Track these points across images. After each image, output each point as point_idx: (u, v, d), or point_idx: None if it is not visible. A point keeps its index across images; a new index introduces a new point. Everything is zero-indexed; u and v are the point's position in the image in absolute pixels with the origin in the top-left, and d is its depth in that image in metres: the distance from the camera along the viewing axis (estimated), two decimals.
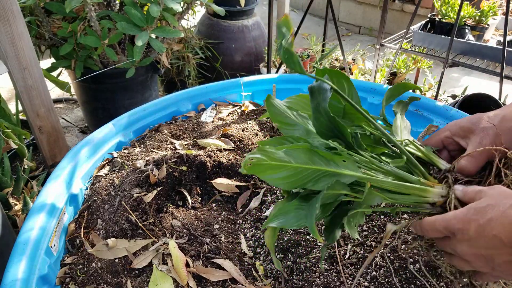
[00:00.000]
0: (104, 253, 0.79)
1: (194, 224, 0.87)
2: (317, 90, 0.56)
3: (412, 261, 0.75)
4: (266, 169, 0.49)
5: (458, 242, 0.46)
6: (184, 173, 0.97)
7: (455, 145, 0.60)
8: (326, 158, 0.52)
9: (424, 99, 1.21)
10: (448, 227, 0.47)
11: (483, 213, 0.44)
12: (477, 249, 0.45)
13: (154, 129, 1.18)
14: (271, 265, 0.80)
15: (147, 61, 1.82)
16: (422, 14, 3.16)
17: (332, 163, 0.52)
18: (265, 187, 0.98)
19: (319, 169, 0.52)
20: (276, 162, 0.49)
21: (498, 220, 0.42)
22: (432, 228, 0.49)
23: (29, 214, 0.78)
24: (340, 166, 0.52)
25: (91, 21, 1.59)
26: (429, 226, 0.50)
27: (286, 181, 0.51)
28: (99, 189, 0.95)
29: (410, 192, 0.54)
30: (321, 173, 0.52)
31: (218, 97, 1.33)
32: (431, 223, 0.50)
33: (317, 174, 0.52)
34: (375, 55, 2.03)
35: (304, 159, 0.51)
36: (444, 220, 0.47)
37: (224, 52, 2.42)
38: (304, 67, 2.53)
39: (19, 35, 1.15)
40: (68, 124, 2.23)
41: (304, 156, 0.51)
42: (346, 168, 0.53)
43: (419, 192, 0.54)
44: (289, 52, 0.53)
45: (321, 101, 0.54)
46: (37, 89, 1.26)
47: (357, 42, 3.61)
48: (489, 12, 1.94)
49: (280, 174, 0.50)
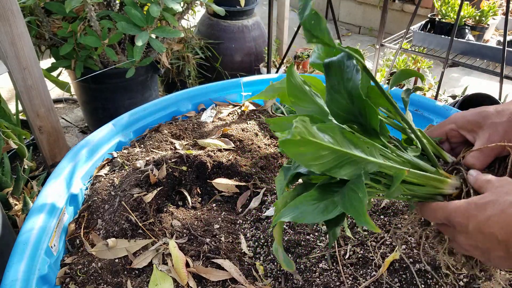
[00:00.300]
0: (104, 253, 0.79)
1: (194, 224, 0.87)
2: (338, 66, 0.49)
3: (412, 261, 0.75)
4: (300, 145, 0.42)
5: (457, 232, 0.47)
6: (184, 173, 0.97)
7: (459, 138, 0.59)
8: (353, 142, 0.47)
9: (424, 99, 1.21)
10: (448, 218, 0.48)
11: (483, 210, 0.44)
12: (475, 242, 0.46)
13: (154, 129, 1.18)
14: (271, 265, 0.80)
15: (147, 61, 1.82)
16: (422, 14, 3.16)
17: (358, 148, 0.47)
18: (265, 187, 0.98)
19: (347, 152, 0.46)
20: (313, 139, 0.42)
21: (496, 218, 0.43)
22: (433, 215, 0.50)
23: (29, 214, 0.78)
24: (366, 153, 0.47)
25: (91, 21, 1.59)
26: (430, 212, 0.51)
27: (317, 162, 0.44)
28: (99, 189, 0.95)
29: (427, 183, 0.52)
30: (346, 158, 0.46)
31: (218, 97, 1.33)
32: (433, 210, 0.50)
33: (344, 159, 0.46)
34: (375, 55, 2.03)
35: (335, 139, 0.45)
36: (445, 211, 0.48)
37: (224, 52, 2.42)
38: (304, 68, 2.53)
39: (19, 35, 1.15)
40: (68, 124, 2.23)
41: (335, 136, 0.45)
42: (371, 155, 0.48)
43: (437, 183, 0.52)
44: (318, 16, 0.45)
45: (345, 80, 0.48)
46: (37, 89, 1.25)
47: (357, 42, 3.61)
48: (489, 12, 1.94)
49: (311, 153, 0.43)
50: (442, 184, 0.52)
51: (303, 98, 0.56)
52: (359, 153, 0.47)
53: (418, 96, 1.23)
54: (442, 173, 0.54)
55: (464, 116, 0.58)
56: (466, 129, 0.57)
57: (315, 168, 0.45)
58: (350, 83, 0.48)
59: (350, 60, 0.48)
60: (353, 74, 0.48)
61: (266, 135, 1.18)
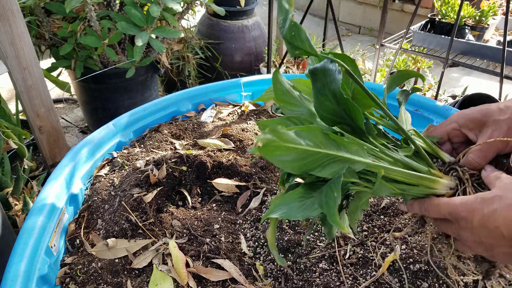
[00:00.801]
0: (104, 253, 0.79)
1: (194, 224, 0.88)
2: (322, 71, 0.51)
3: (412, 261, 0.75)
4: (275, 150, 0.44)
5: (461, 229, 0.47)
6: (184, 173, 0.97)
7: (461, 138, 0.58)
8: (337, 142, 0.48)
9: (424, 99, 1.21)
10: (452, 213, 0.47)
11: (489, 204, 0.44)
12: (479, 237, 0.45)
13: (154, 129, 1.18)
14: (271, 265, 0.80)
15: (147, 61, 1.82)
16: (422, 14, 3.16)
17: (343, 148, 0.49)
18: (265, 187, 0.98)
19: (329, 153, 0.48)
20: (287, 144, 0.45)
21: (501, 213, 0.42)
22: (436, 210, 0.49)
23: (29, 214, 0.78)
24: (351, 152, 0.49)
25: (91, 21, 1.59)
26: (432, 207, 0.50)
27: (295, 164, 0.46)
28: (99, 189, 0.95)
29: (419, 182, 0.52)
30: (330, 158, 0.48)
31: (218, 97, 1.33)
32: (435, 206, 0.49)
33: (327, 159, 0.48)
34: (375, 55, 2.03)
35: (315, 141, 0.47)
36: (449, 206, 0.47)
37: (224, 52, 2.42)
38: (304, 68, 2.53)
39: (19, 35, 1.15)
40: (68, 124, 2.23)
41: (315, 139, 0.47)
42: (357, 155, 0.49)
43: (428, 182, 0.52)
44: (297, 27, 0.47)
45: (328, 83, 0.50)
46: (37, 89, 1.26)
47: (357, 42, 3.61)
48: (489, 12, 1.94)
49: (289, 157, 0.46)
50: (435, 184, 0.52)
51: (291, 102, 0.58)
52: (343, 153, 0.48)
53: (418, 96, 1.23)
54: (434, 172, 0.54)
55: (466, 115, 0.57)
56: (468, 127, 0.56)
57: (293, 170, 0.47)
58: (333, 85, 0.50)
59: (333, 63, 0.50)
60: (335, 76, 0.49)
61: None
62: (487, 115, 0.54)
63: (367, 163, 0.49)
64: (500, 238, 0.43)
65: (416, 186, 0.52)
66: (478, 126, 0.55)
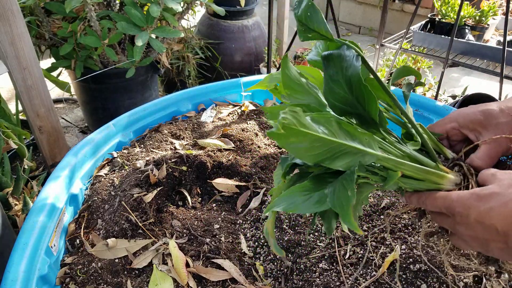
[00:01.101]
0: (104, 253, 0.79)
1: (194, 224, 0.87)
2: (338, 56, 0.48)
3: (412, 261, 0.75)
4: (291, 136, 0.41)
5: (457, 223, 0.47)
6: (184, 173, 0.97)
7: (459, 137, 0.58)
8: (350, 133, 0.46)
9: (424, 99, 1.21)
10: (449, 208, 0.47)
11: (485, 201, 0.44)
12: (474, 232, 0.46)
13: (154, 129, 1.18)
14: (271, 265, 0.80)
15: (147, 61, 1.82)
16: (422, 14, 3.16)
17: (355, 139, 0.46)
18: (265, 187, 0.98)
19: (343, 143, 0.45)
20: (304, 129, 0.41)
21: (497, 210, 0.43)
22: (433, 204, 0.50)
23: (29, 214, 0.78)
24: (364, 144, 0.46)
25: (91, 21, 1.59)
26: (429, 201, 0.50)
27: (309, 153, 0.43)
28: (99, 189, 0.95)
29: (426, 177, 0.51)
30: (343, 149, 0.45)
31: (218, 97, 1.33)
32: (432, 199, 0.50)
33: (339, 150, 0.45)
34: (375, 55, 2.03)
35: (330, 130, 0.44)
36: (446, 200, 0.48)
37: (224, 52, 2.42)
38: None
39: (19, 35, 1.15)
40: (68, 124, 2.23)
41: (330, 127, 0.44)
42: (369, 147, 0.47)
43: (436, 178, 0.51)
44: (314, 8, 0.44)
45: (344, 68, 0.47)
46: (37, 89, 1.26)
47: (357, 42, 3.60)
48: (489, 12, 1.94)
49: (304, 144, 0.42)
50: (442, 180, 0.52)
51: (299, 90, 0.55)
52: (356, 144, 0.46)
53: (418, 96, 1.23)
54: (442, 168, 0.53)
55: (466, 115, 0.56)
56: (468, 128, 0.56)
57: (307, 159, 0.45)
58: (349, 70, 0.47)
59: (349, 50, 0.48)
60: (352, 62, 0.47)
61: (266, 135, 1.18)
62: (489, 118, 0.54)
63: (379, 156, 0.47)
64: (495, 234, 0.43)
65: (422, 181, 0.51)
66: (478, 127, 0.55)
